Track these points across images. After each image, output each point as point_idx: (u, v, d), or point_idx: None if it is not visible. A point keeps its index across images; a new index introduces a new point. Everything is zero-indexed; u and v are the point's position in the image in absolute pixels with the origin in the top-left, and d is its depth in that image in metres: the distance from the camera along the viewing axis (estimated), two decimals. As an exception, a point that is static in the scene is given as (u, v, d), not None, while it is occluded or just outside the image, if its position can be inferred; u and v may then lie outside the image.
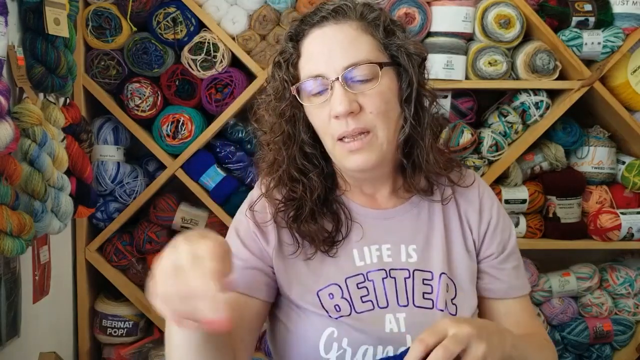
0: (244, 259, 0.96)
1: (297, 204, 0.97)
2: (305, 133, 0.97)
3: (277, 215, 0.98)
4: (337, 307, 0.93)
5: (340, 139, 0.92)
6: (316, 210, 0.97)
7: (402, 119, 0.95)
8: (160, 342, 1.89)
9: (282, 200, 0.98)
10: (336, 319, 0.92)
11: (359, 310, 0.93)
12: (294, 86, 0.94)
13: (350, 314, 0.93)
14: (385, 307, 0.93)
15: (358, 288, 0.95)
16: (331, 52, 0.91)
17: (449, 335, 0.72)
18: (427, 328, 0.75)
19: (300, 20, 0.96)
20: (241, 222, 1.01)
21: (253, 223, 0.98)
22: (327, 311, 0.93)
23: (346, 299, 0.94)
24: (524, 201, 1.92)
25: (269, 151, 1.00)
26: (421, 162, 0.97)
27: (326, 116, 0.92)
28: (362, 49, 0.91)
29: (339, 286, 0.95)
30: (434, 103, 0.99)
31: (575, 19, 1.82)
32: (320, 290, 0.95)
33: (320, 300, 0.94)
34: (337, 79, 0.89)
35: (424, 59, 0.98)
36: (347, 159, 0.93)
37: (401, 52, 0.93)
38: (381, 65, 0.91)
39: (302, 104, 0.95)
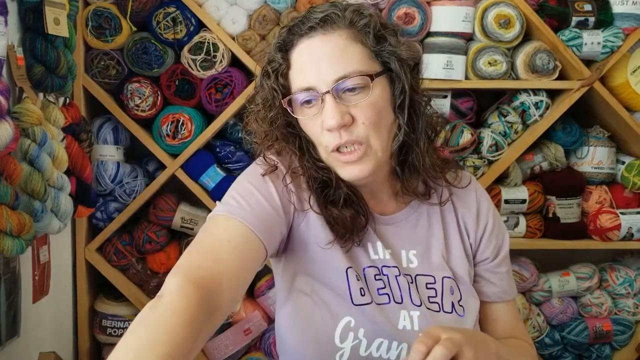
0: (273, 206, 0.91)
1: (333, 190, 0.94)
2: (302, 131, 0.96)
3: (311, 199, 0.94)
4: (362, 290, 0.91)
5: (335, 150, 0.91)
6: (349, 196, 0.95)
7: (396, 126, 0.93)
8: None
9: (316, 182, 0.95)
10: (357, 305, 0.91)
11: (378, 302, 0.92)
12: (285, 98, 0.92)
13: (371, 302, 0.92)
14: (401, 303, 0.93)
15: (375, 279, 0.94)
16: (320, 64, 0.88)
17: (443, 339, 0.73)
18: (422, 334, 0.75)
19: (287, 30, 0.93)
20: (271, 178, 0.94)
21: (293, 193, 0.94)
22: (351, 294, 0.91)
23: (365, 287, 0.93)
24: (523, 201, 1.92)
25: (276, 157, 0.98)
26: (418, 166, 0.95)
27: (318, 128, 0.91)
28: (353, 60, 0.88)
29: (357, 274, 0.94)
30: (428, 106, 0.97)
31: (575, 19, 1.82)
32: (348, 268, 0.93)
33: (347, 278, 0.92)
34: (328, 91, 0.87)
35: (417, 63, 0.96)
36: (342, 169, 0.92)
37: (393, 58, 0.91)
38: (372, 76, 0.88)
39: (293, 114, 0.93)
